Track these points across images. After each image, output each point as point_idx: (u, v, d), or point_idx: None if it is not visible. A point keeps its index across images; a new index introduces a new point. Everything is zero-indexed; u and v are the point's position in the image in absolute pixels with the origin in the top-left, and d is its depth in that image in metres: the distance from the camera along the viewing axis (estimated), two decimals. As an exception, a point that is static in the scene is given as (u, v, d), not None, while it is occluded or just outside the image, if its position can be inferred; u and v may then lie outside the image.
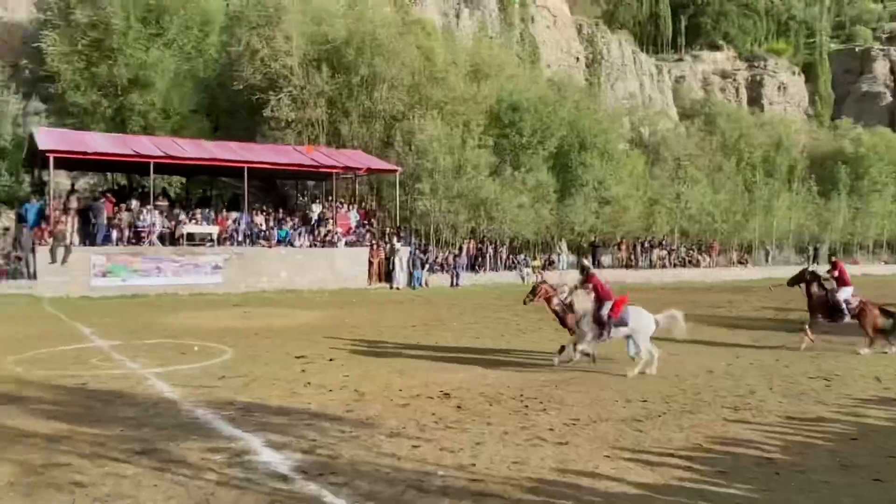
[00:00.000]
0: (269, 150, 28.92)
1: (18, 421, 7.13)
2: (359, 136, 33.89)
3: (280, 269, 25.27)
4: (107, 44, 32.84)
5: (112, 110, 33.31)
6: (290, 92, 33.19)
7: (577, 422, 7.42)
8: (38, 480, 5.39)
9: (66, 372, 9.79)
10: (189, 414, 7.53)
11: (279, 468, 5.74)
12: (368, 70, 33.56)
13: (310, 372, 10.01)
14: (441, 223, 32.97)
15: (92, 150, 23.76)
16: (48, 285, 21.27)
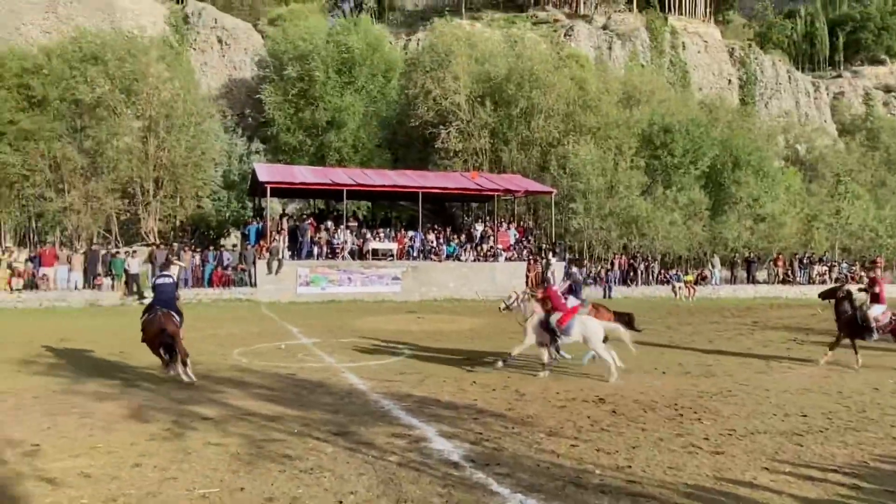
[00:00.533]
0: (439, 177, 29.71)
1: (242, 402, 7.80)
2: (517, 161, 33.96)
3: (448, 280, 25.79)
4: (310, 93, 35.70)
5: (314, 147, 36.06)
6: (458, 125, 34.05)
7: (732, 432, 6.81)
8: (258, 452, 5.84)
9: (279, 363, 10.58)
10: (375, 403, 7.82)
11: (451, 456, 5.80)
12: (527, 102, 33.63)
13: (475, 372, 10.06)
14: (594, 239, 32.11)
15: (299, 181, 25.73)
16: (265, 292, 23.22)
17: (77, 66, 29.18)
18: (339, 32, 37.77)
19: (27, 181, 28.43)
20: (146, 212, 30.08)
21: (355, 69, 36.57)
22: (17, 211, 29.30)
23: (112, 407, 7.51)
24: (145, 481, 5.08)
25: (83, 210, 28.74)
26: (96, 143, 28.46)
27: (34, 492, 4.81)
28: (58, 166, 28.50)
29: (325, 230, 26.01)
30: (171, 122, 29.72)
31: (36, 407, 7.45)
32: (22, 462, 5.48)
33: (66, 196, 28.58)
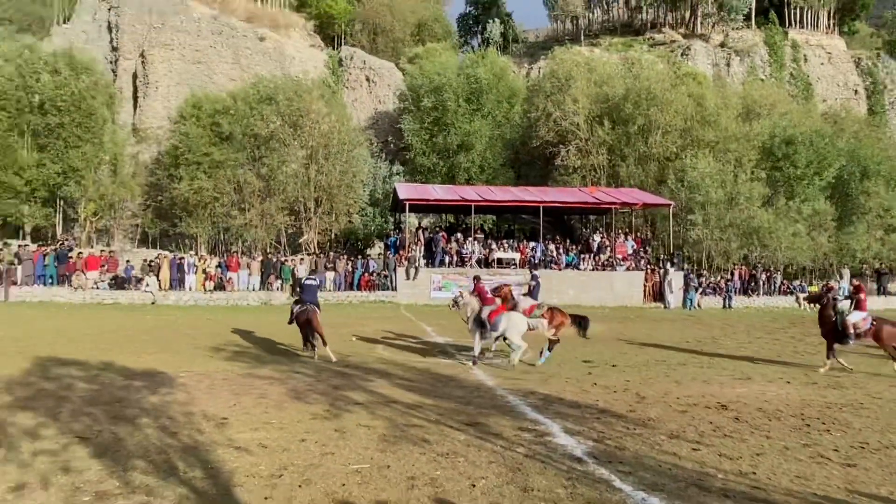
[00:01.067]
0: (559, 192, 29.21)
1: (387, 390, 8.09)
2: (635, 176, 32.63)
3: (568, 287, 25.19)
4: (443, 120, 36.55)
5: (446, 168, 36.84)
6: (577, 144, 33.37)
7: (865, 446, 6.04)
8: (401, 435, 6.03)
9: (417, 358, 10.88)
10: (502, 398, 7.79)
11: (574, 451, 5.64)
12: (644, 119, 32.27)
13: (596, 375, 9.73)
14: (713, 250, 29.99)
15: (433, 198, 26.38)
16: (404, 295, 23.99)
17: (255, 106, 32.05)
18: (468, 66, 38.43)
19: (217, 202, 31.54)
20: (308, 226, 32.23)
21: (482, 97, 36.98)
22: (210, 226, 32.54)
23: (282, 389, 8.08)
24: (309, 454, 5.41)
25: (259, 225, 31.38)
26: (269, 169, 31.00)
27: (224, 457, 5.28)
28: (240, 189, 31.35)
29: (456, 241, 26.40)
30: (328, 151, 31.67)
31: (224, 387, 8.18)
32: (215, 432, 6.04)
33: (247, 214, 31.35)
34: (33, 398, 7.23)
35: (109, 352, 10.74)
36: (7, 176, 27.63)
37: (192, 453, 5.35)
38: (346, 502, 4.34)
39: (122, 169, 32.45)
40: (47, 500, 4.28)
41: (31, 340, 11.93)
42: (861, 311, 10.54)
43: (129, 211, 34.55)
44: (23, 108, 27.93)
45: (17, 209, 28.62)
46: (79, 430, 5.96)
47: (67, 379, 8.35)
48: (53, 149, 28.54)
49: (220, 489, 4.55)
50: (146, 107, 41.23)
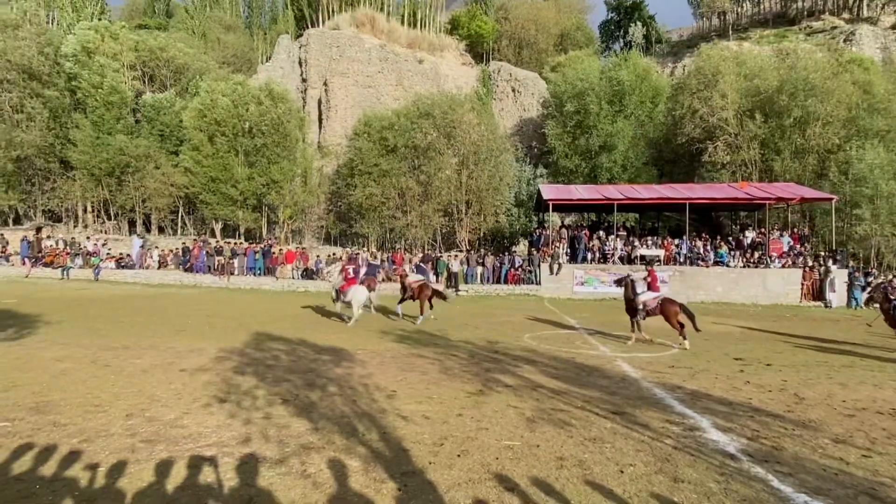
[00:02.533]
0: (706, 188, 26.87)
1: (533, 376, 8.05)
2: (791, 170, 29.01)
3: (716, 284, 23.12)
4: (585, 123, 35.42)
5: (588, 169, 35.67)
6: (725, 139, 30.53)
7: None
8: (549, 418, 5.96)
9: (561, 348, 10.68)
10: (648, 390, 7.36)
11: (726, 448, 5.16)
12: (801, 111, 28.54)
13: (748, 373, 8.79)
14: (883, 247, 25.65)
15: (576, 198, 25.69)
16: (547, 289, 23.70)
17: (415, 121, 33.60)
18: (610, 69, 36.75)
19: (384, 206, 33.62)
20: (460, 226, 33.13)
21: (625, 99, 35.18)
22: (378, 226, 34.81)
23: (440, 368, 8.39)
24: (466, 428, 5.55)
25: (419, 225, 32.92)
26: (427, 175, 32.36)
27: (394, 424, 5.62)
28: (403, 194, 33.11)
29: (598, 238, 25.52)
30: (477, 157, 32.27)
31: (392, 364, 8.70)
32: (385, 402, 6.45)
33: (408, 216, 33.03)
34: (249, 364, 8.28)
35: (304, 330, 11.95)
36: (227, 188, 31.89)
37: (369, 419, 5.76)
38: (501, 474, 4.39)
39: (310, 180, 35.86)
40: (260, 448, 4.88)
41: (246, 319, 13.67)
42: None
43: (316, 215, 38.09)
44: (237, 133, 32.01)
45: (234, 214, 32.93)
46: (282, 392, 6.71)
47: (273, 351, 9.43)
48: (259, 165, 32.34)
49: (393, 452, 4.84)
50: (328, 127, 45.15)
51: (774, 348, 11.30)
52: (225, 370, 7.83)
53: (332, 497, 3.96)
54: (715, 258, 24.16)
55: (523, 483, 4.23)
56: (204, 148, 31.68)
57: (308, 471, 4.38)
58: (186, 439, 5.01)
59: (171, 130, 33.93)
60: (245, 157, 32.51)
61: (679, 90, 34.83)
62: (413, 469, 4.45)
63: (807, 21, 54.57)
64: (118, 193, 33.36)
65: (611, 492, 4.13)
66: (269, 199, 32.67)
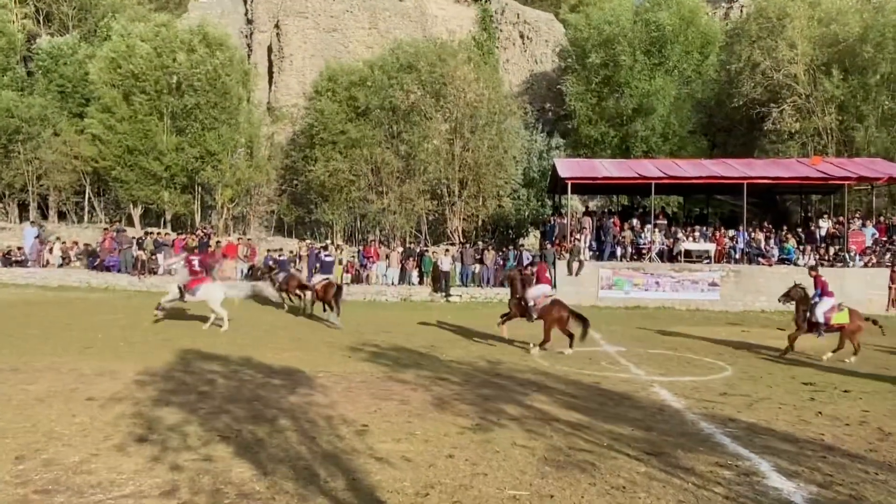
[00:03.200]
0: (769, 165, 27.10)
1: (545, 406, 8.09)
2: (877, 142, 29.33)
3: (780, 288, 23.18)
4: (615, 79, 35.56)
5: (618, 139, 35.84)
6: (794, 101, 30.84)
7: None
8: (566, 460, 5.99)
9: (582, 370, 10.75)
10: (693, 424, 7.43)
11: (792, 497, 5.21)
12: (891, 66, 28.79)
13: (819, 400, 8.90)
14: None
15: (602, 176, 25.78)
16: (564, 294, 23.55)
17: (394, 75, 33.57)
18: (647, 10, 36.80)
19: (353, 185, 33.59)
20: (451, 212, 33.17)
21: (666, 48, 35.27)
22: (346, 212, 34.77)
23: (425, 396, 8.42)
24: (458, 473, 5.57)
25: (398, 211, 32.94)
26: (409, 146, 32.36)
27: (365, 468, 5.62)
28: (378, 170, 33.10)
29: (631, 229, 25.62)
30: (475, 123, 32.29)
31: (363, 390, 8.72)
32: (355, 439, 6.46)
33: (385, 198, 33.03)
34: (176, 392, 8.25)
35: (247, 347, 11.92)
36: (148, 161, 31.68)
37: (333, 461, 5.76)
38: (503, 532, 4.41)
39: (257, 151, 35.74)
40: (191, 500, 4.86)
41: (173, 332, 13.60)
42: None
43: (265, 197, 37.99)
44: (161, 90, 31.76)
45: (158, 195, 32.73)
46: (220, 428, 6.69)
47: (208, 374, 9.40)
48: (191, 132, 32.16)
49: (364, 502, 4.85)
50: (280, 83, 44.96)
51: (853, 369, 11.43)
52: (145, 399, 7.79)
53: (285, 562, 3.96)
54: (780, 254, 24.37)
55: (532, 543, 4.25)
56: (118, 109, 31.44)
57: (253, 529, 4.38)
58: (95, 488, 4.98)
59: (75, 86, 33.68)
60: (172, 121, 32.32)
61: (735, 38, 35.03)
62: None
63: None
64: (4, 168, 33.03)
65: (644, 554, 4.17)
66: (204, 176, 32.51)
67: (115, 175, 32.18)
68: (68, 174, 33.28)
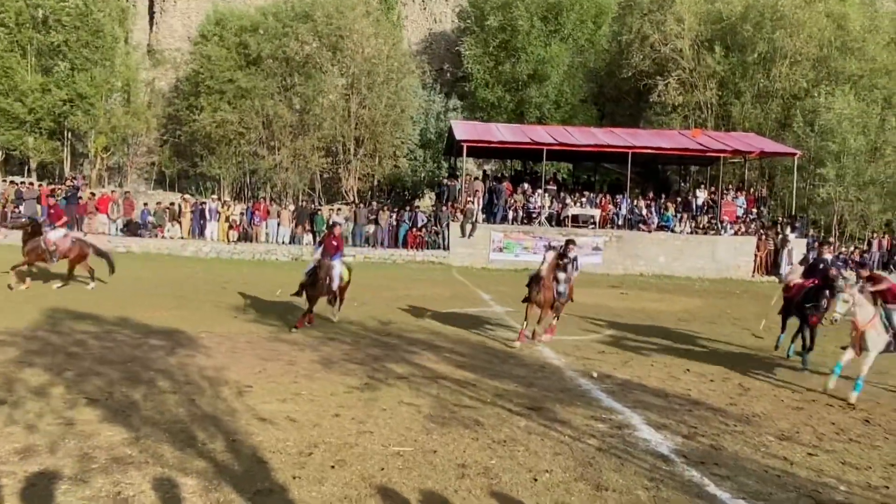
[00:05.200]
0: (653, 136, 28.35)
1: (434, 364, 8.24)
2: (751, 117, 31.27)
3: (658, 253, 24.72)
4: (512, 44, 35.76)
5: (513, 104, 36.22)
6: (679, 75, 32.16)
7: None
8: (450, 417, 6.14)
9: (471, 330, 10.97)
10: (572, 381, 7.81)
11: (659, 448, 5.60)
12: (767, 46, 30.66)
13: (689, 358, 9.57)
14: (847, 213, 28.64)
15: (497, 140, 26.09)
16: (457, 256, 24.12)
17: (289, 24, 32.29)
18: (546, -25, 37.23)
19: (242, 138, 32.25)
20: (346, 171, 32.63)
21: (562, 15, 35.83)
22: (235, 167, 33.39)
23: (313, 356, 8.35)
24: (343, 432, 5.58)
25: (291, 168, 32.01)
26: (304, 100, 31.39)
27: (247, 429, 5.51)
28: (270, 123, 31.92)
29: (522, 193, 26.17)
30: (372, 79, 31.69)
31: (248, 351, 8.51)
32: (237, 401, 6.31)
33: (277, 154, 31.97)
34: (40, 353, 7.71)
35: (123, 305, 11.29)
36: (9, 102, 28.98)
37: (213, 423, 5.61)
38: (386, 489, 4.47)
39: (135, 97, 33.54)
40: (55, 464, 4.58)
41: (40, 289, 12.67)
42: None
43: (144, 147, 35.83)
44: (23, 22, 28.99)
45: (22, 140, 30.09)
46: (89, 390, 6.34)
47: (78, 334, 8.85)
48: (58, 72, 29.64)
49: (244, 464, 4.75)
50: (163, 24, 42.14)
51: (721, 330, 12.34)
52: (4, 361, 7.26)
53: (158, 527, 3.83)
54: (659, 221, 25.72)
55: (414, 498, 4.33)
56: (-28, 42, 28.47)
57: (123, 493, 4.19)
58: (-58, 457, 4.61)
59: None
60: (37, 59, 29.64)
61: (627, 10, 35.97)
62: (271, 486, 4.41)
63: (779, -65, 58.42)
64: None
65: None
66: (74, 121, 30.20)
67: (-32, 116, 29.30)
68: (-87, 113, 29.92)
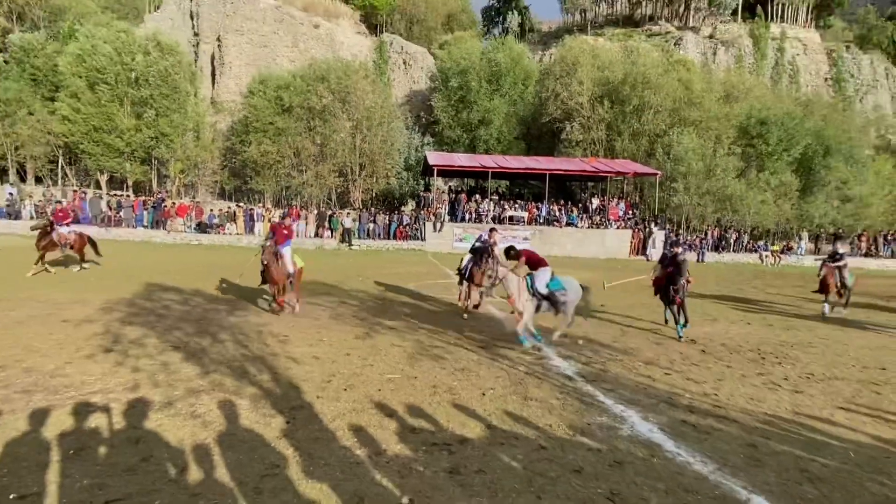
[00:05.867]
0: (563, 162, 28.54)
1: (415, 319, 8.22)
2: (628, 149, 31.67)
3: (567, 242, 24.99)
4: (467, 98, 35.61)
5: (468, 140, 36.11)
6: (580, 120, 32.39)
7: (811, 376, 5.97)
8: (426, 353, 6.15)
9: (440, 294, 10.97)
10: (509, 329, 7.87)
11: (566, 371, 5.70)
12: (639, 100, 31.04)
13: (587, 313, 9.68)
14: (691, 213, 29.32)
15: (457, 164, 26.02)
16: (431, 245, 24.08)
17: (311, 83, 31.59)
18: (490, 51, 37.03)
19: (279, 164, 31.59)
20: (354, 186, 32.21)
21: (501, 79, 35.79)
22: (274, 184, 32.71)
23: (332, 314, 8.26)
24: (352, 366, 5.56)
25: (314, 184, 31.46)
26: (322, 137, 30.80)
27: (285, 365, 5.46)
28: (298, 154, 31.30)
29: (475, 201, 26.21)
30: (370, 123, 31.25)
31: (285, 312, 8.36)
32: (277, 346, 6.23)
33: (304, 175, 31.39)
34: (137, 314, 7.50)
35: (198, 282, 11.03)
36: (111, 138, 27.94)
37: (260, 362, 5.54)
38: (382, 403, 4.48)
39: (203, 135, 32.58)
40: (148, 393, 4.50)
41: (137, 270, 12.33)
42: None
43: (210, 169, 34.87)
44: (121, 81, 27.90)
45: (121, 166, 29.06)
46: (173, 340, 6.20)
47: (164, 301, 8.63)
48: (147, 117, 28.62)
49: (282, 389, 4.72)
50: (222, 83, 40.94)
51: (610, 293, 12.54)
52: (111, 321, 7.02)
53: (222, 433, 3.79)
54: (567, 220, 25.99)
55: (401, 409, 4.35)
56: (84, 95, 27.34)
57: (197, 412, 4.14)
58: (68, 388, 4.47)
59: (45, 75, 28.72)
60: (131, 107, 28.58)
61: (546, 75, 36.09)
62: (301, 404, 4.39)
63: (648, 25, 58.85)
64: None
65: (473, 411, 4.40)
66: (159, 152, 29.23)
67: (83, 148, 28.13)
68: (42, 146, 28.66)
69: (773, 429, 4.32)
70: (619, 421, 4.35)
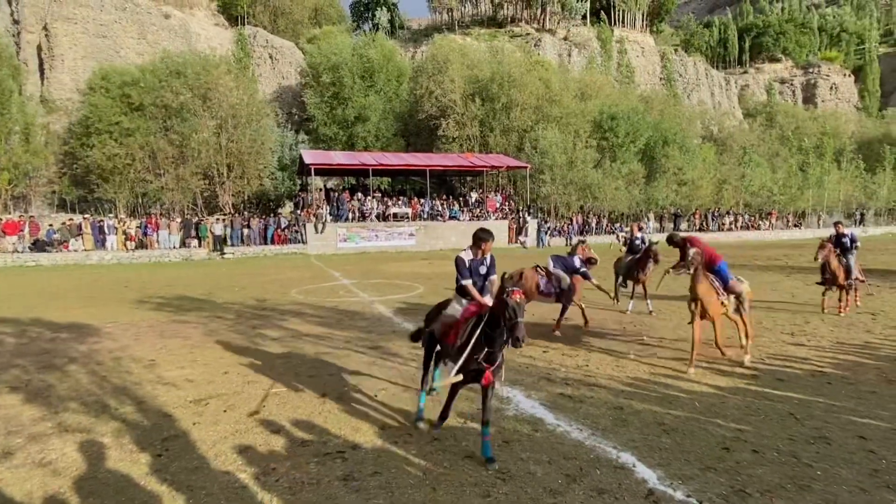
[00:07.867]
0: (442, 157, 29.27)
1: (300, 327, 7.87)
2: (500, 144, 33.36)
3: (451, 235, 25.72)
4: (341, 95, 34.80)
5: (346, 137, 35.34)
6: (454, 117, 33.31)
7: (663, 340, 6.87)
8: (313, 363, 5.93)
9: (326, 298, 10.63)
10: (399, 325, 7.89)
11: (454, 362, 5.88)
12: (507, 98, 32.78)
13: (472, 301, 10.06)
14: (558, 202, 31.86)
15: (335, 163, 25.37)
16: (313, 247, 23.23)
17: (164, 79, 28.54)
18: (361, 47, 36.52)
19: (131, 168, 28.13)
20: (222, 189, 29.80)
21: (375, 75, 35.52)
22: (127, 191, 29.06)
23: (205, 331, 7.61)
24: (232, 384, 5.19)
25: (175, 189, 28.52)
26: (181, 137, 28.02)
27: (153, 392, 4.93)
28: (154, 156, 28.13)
29: (357, 200, 25.84)
30: (237, 121, 29.10)
31: (150, 333, 7.55)
32: (143, 372, 5.60)
33: (162, 178, 28.33)
34: (-48, 357, 6.24)
35: (36, 308, 9.48)
36: None
37: (122, 392, 4.94)
38: (267, 420, 4.25)
39: (34, 138, 27.81)
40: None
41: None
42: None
43: (45, 178, 29.90)
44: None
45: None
46: (9, 380, 5.27)
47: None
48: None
49: (152, 419, 4.26)
50: (53, 79, 35.20)
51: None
52: (-86, 368, 5.75)
53: (79, 479, 3.31)
54: (450, 214, 26.76)
55: (288, 424, 4.16)
56: None
57: (46, 458, 3.57)
58: None
59: None
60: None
61: (419, 73, 36.54)
62: (175, 433, 3.99)
63: (510, 26, 62.39)
64: None
65: (366, 414, 4.36)
66: (-27, 160, 24.38)
67: None
68: None
69: (635, 388, 4.90)
70: (504, 402, 4.61)
